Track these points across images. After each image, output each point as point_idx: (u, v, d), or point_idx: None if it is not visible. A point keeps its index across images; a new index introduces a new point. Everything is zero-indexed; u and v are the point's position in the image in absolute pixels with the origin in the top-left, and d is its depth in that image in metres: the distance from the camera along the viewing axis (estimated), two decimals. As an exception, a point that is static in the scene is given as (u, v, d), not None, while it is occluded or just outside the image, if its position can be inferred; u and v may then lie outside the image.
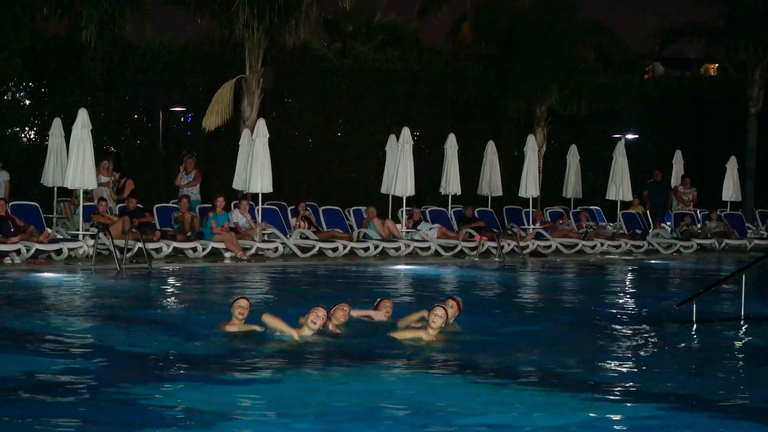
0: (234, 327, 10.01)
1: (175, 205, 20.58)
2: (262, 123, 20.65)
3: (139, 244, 17.92)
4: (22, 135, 24.59)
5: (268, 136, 20.51)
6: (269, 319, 9.87)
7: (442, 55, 31.09)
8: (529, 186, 24.55)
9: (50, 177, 20.46)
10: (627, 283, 18.75)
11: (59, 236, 18.66)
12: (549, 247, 22.90)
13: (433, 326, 9.75)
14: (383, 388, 8.13)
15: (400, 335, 9.98)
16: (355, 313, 10.70)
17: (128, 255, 17.84)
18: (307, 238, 20.71)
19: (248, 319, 10.07)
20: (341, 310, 10.30)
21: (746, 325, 11.82)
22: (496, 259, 21.04)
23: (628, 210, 26.15)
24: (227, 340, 9.80)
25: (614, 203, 26.22)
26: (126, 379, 8.10)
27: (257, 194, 20.51)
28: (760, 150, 30.37)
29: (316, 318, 9.72)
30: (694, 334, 11.27)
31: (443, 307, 9.98)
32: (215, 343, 9.71)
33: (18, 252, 17.42)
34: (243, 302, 10.19)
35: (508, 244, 21.88)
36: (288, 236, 20.68)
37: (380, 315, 10.89)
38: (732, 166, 27.49)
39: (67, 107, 22.93)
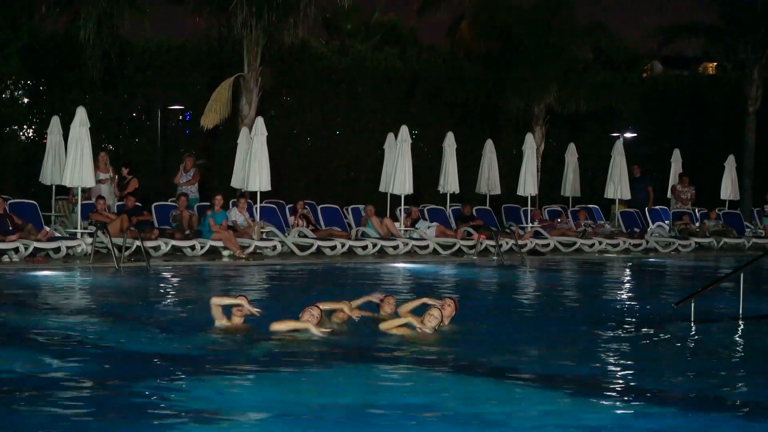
0: (231, 323, 10.01)
1: (174, 204, 20.58)
2: (260, 121, 20.64)
3: (138, 243, 17.92)
4: (21, 133, 24.58)
5: (266, 134, 20.50)
6: (278, 326, 9.78)
7: (440, 53, 31.09)
8: (528, 184, 24.54)
9: (48, 175, 20.46)
10: (625, 281, 18.76)
11: (57, 234, 18.63)
12: (547, 245, 22.91)
13: (428, 325, 9.75)
14: (381, 387, 8.13)
15: (389, 327, 9.92)
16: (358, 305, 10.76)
17: (126, 253, 17.84)
18: (305, 236, 20.70)
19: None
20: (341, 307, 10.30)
21: (744, 324, 11.83)
22: (495, 258, 21.04)
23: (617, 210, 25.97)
24: (226, 338, 9.80)
25: (613, 202, 26.24)
26: (124, 377, 8.10)
27: (255, 192, 20.50)
28: (758, 149, 30.35)
29: (310, 317, 9.72)
30: (692, 333, 11.27)
31: (439, 309, 9.98)
32: (214, 341, 9.70)
33: (16, 250, 17.40)
34: (242, 300, 10.18)
35: (507, 243, 21.88)
36: (286, 234, 20.68)
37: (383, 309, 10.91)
38: (730, 164, 27.51)
39: (66, 105, 22.91)
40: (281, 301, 13.45)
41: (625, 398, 7.91)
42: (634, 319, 12.33)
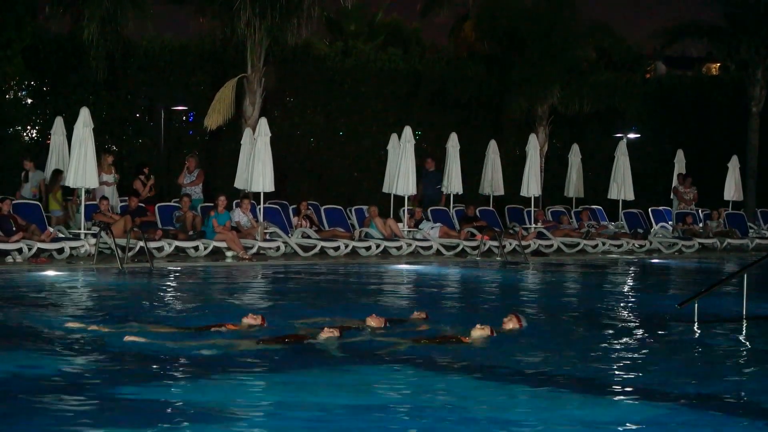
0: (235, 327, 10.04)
1: (177, 204, 20.59)
2: (263, 122, 20.65)
3: (141, 243, 17.92)
4: (24, 134, 24.59)
5: (269, 135, 20.51)
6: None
7: (443, 54, 31.08)
8: (531, 185, 24.51)
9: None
10: (628, 282, 18.74)
11: (61, 235, 18.65)
12: (551, 246, 22.90)
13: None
14: (380, 386, 8.13)
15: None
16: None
17: (130, 254, 17.85)
18: (308, 237, 20.71)
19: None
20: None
21: (748, 325, 11.82)
22: (498, 259, 21.04)
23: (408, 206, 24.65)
24: (228, 338, 9.80)
25: (616, 202, 26.22)
26: (126, 378, 8.11)
27: (259, 193, 20.51)
28: (762, 149, 30.32)
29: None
30: (695, 334, 11.26)
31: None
32: (215, 342, 9.70)
33: (20, 251, 17.42)
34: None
35: (510, 244, 21.87)
36: (289, 235, 20.68)
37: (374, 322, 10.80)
38: (734, 165, 27.48)
39: (69, 106, 22.92)
40: (284, 302, 13.47)
41: (627, 398, 7.91)
42: (637, 320, 12.32)
